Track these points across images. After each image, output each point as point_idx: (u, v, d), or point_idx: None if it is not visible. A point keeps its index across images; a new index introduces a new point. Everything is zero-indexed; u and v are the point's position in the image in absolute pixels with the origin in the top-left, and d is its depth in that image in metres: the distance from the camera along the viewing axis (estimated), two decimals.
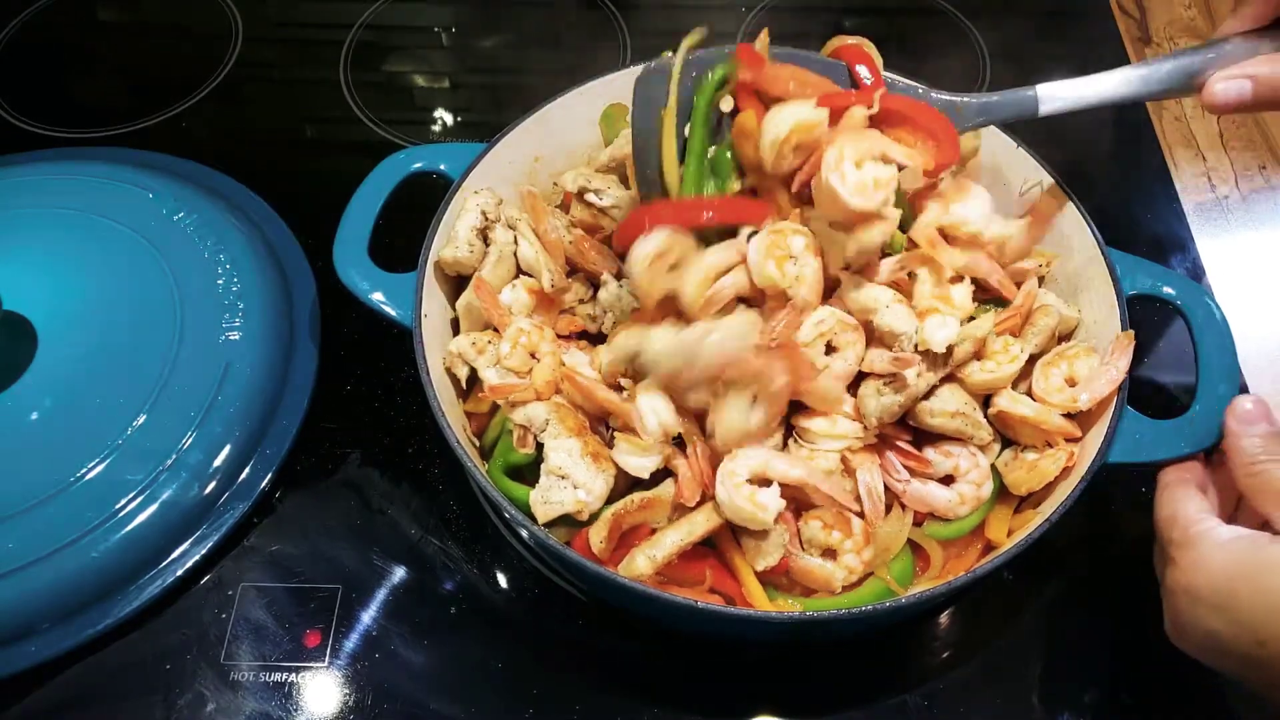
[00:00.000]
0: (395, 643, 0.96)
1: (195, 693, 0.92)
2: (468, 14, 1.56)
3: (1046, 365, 0.94)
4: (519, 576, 1.00)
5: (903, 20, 1.54)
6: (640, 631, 0.96)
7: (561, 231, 1.03)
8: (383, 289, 0.98)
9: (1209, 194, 1.34)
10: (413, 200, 1.05)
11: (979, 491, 0.91)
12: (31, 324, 1.05)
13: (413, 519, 1.03)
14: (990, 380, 0.91)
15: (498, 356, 0.94)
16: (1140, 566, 1.00)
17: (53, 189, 1.18)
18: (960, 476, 0.92)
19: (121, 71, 1.50)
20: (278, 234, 1.23)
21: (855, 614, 0.80)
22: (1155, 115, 1.42)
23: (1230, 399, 0.85)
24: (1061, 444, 0.91)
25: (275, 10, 1.58)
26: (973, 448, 0.92)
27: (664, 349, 0.86)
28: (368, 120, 1.41)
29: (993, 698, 0.93)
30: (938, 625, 0.98)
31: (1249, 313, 1.20)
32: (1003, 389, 0.92)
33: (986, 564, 0.82)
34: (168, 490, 0.97)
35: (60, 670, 0.93)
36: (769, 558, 0.86)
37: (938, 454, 0.92)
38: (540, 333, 0.95)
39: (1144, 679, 0.94)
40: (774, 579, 0.89)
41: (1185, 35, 1.53)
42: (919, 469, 0.91)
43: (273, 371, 1.08)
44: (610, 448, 0.90)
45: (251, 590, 0.98)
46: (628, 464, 0.88)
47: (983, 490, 0.92)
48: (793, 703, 0.93)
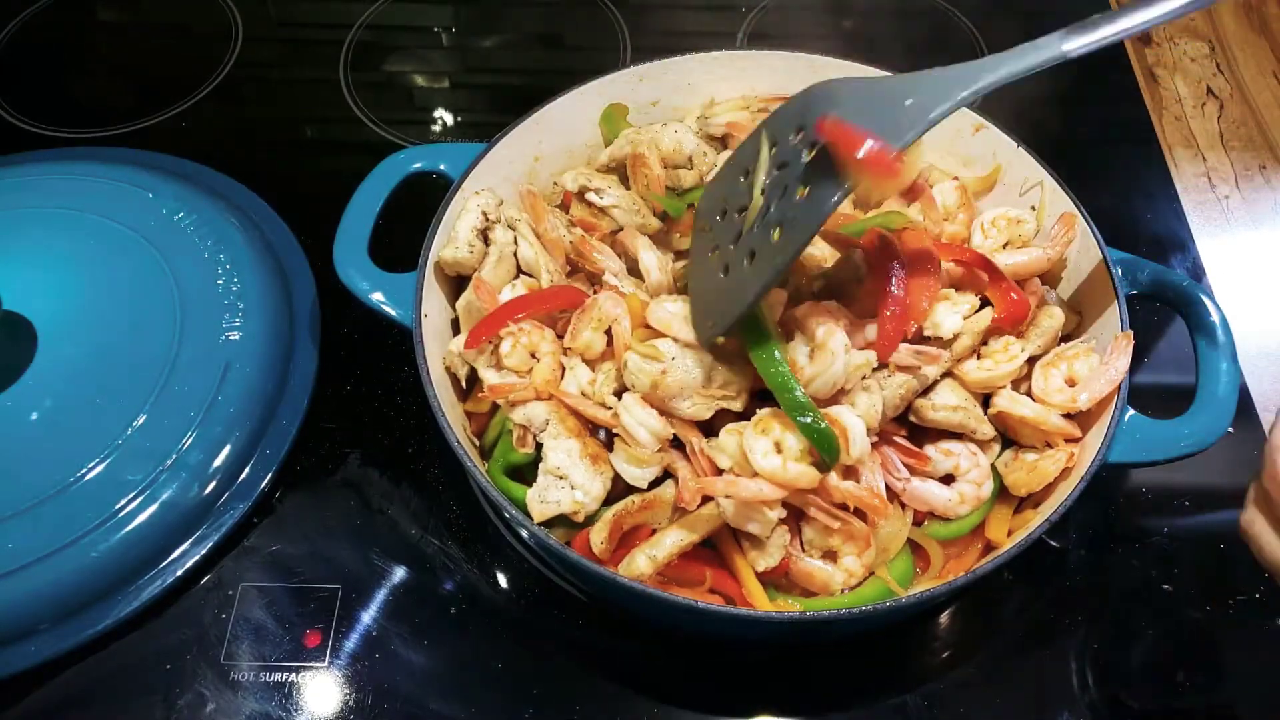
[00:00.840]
0: (395, 643, 0.96)
1: (195, 693, 0.92)
2: (468, 14, 1.56)
3: (1046, 366, 0.94)
4: (519, 576, 1.00)
5: (903, 20, 1.54)
6: (640, 631, 0.96)
7: (561, 230, 1.03)
8: (383, 289, 0.98)
9: (1209, 194, 1.34)
10: (413, 200, 1.05)
11: (979, 491, 0.91)
12: (31, 324, 1.05)
13: (413, 519, 1.03)
14: (988, 378, 0.91)
15: (498, 356, 0.94)
16: (1140, 566, 1.01)
17: (53, 189, 1.18)
18: (960, 475, 0.92)
19: (121, 71, 1.50)
20: (278, 234, 1.23)
21: (855, 614, 0.80)
22: (1155, 115, 1.42)
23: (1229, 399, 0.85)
24: (1061, 444, 0.91)
25: (275, 10, 1.58)
26: (973, 446, 0.92)
27: (636, 366, 0.86)
28: (368, 120, 1.41)
29: (993, 698, 0.93)
30: (938, 625, 0.98)
31: (1249, 313, 1.20)
32: (1001, 388, 0.92)
33: (986, 564, 0.82)
34: (168, 490, 0.97)
35: (60, 670, 0.93)
36: (769, 558, 0.86)
37: (937, 452, 0.92)
38: (540, 333, 0.95)
39: (1143, 679, 0.94)
40: (774, 579, 0.89)
41: (1185, 35, 1.53)
42: (919, 466, 0.91)
43: (273, 371, 1.08)
44: (610, 450, 0.90)
45: (251, 590, 0.98)
46: (627, 473, 0.88)
47: (983, 490, 0.92)
48: (793, 703, 0.93)
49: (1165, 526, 1.03)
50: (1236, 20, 1.55)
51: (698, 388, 0.87)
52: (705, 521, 0.87)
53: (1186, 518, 1.03)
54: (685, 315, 0.89)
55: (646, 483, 0.88)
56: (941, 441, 0.93)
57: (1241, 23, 1.55)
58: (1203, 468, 1.05)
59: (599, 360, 0.94)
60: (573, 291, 0.97)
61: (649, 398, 0.87)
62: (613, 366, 0.91)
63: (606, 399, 0.91)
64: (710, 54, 1.14)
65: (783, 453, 0.82)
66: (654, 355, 0.87)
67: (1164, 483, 1.05)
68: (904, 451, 0.91)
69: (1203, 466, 1.05)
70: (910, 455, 0.91)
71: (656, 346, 0.88)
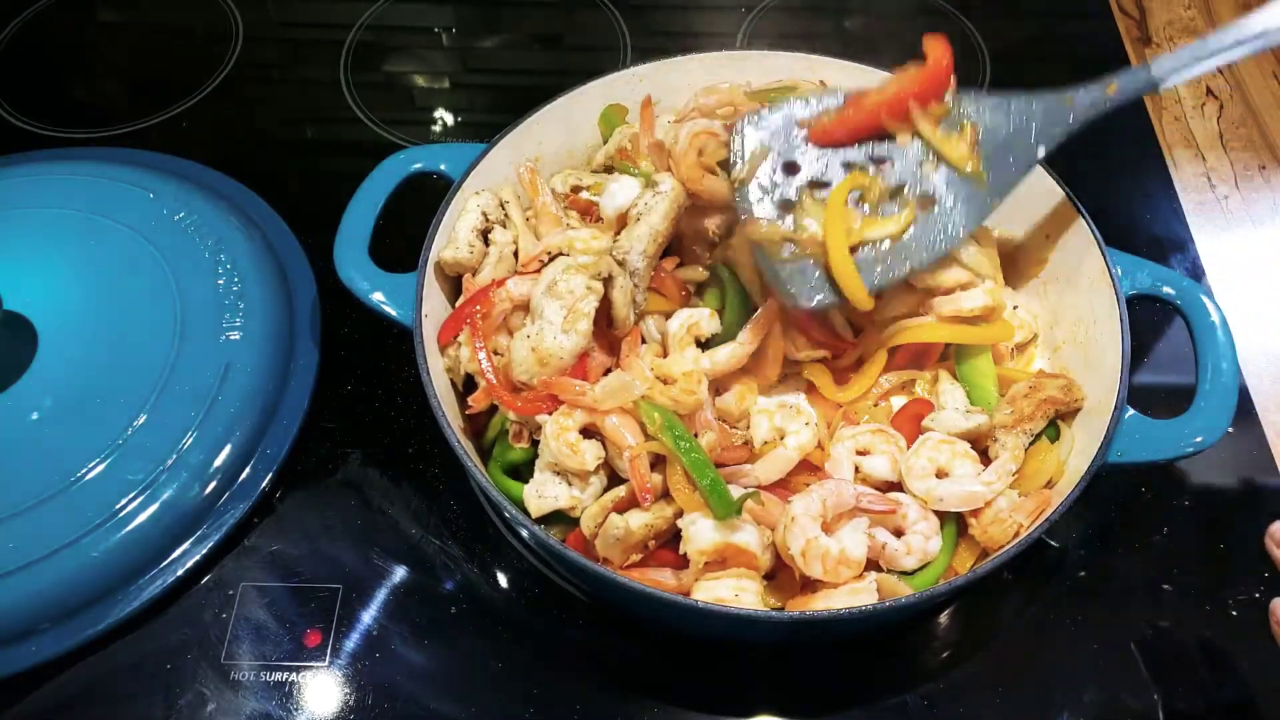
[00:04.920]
0: (395, 643, 0.96)
1: (195, 692, 0.92)
2: (468, 14, 1.56)
3: (923, 447, 0.91)
4: (519, 576, 1.00)
5: (903, 20, 1.54)
6: (640, 631, 0.96)
7: (554, 208, 1.03)
8: (383, 289, 0.98)
9: (1209, 194, 1.34)
10: (413, 200, 1.05)
11: (926, 545, 0.88)
12: (31, 324, 1.05)
13: (413, 519, 1.03)
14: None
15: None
16: (1140, 566, 1.01)
17: (53, 189, 1.18)
18: (909, 527, 0.89)
19: (121, 71, 1.50)
20: (278, 234, 1.23)
21: (855, 614, 0.80)
22: (1155, 115, 1.42)
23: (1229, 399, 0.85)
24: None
25: (275, 10, 1.58)
26: (920, 502, 0.90)
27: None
28: (368, 120, 1.41)
29: (993, 698, 0.93)
30: (938, 625, 0.98)
31: (1249, 313, 1.20)
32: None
33: (986, 564, 0.82)
34: (168, 490, 0.97)
35: (60, 670, 0.93)
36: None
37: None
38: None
39: (1143, 679, 0.94)
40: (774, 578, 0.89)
41: (1185, 35, 1.53)
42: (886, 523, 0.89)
43: (273, 371, 1.08)
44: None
45: (252, 590, 0.98)
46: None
47: (930, 544, 0.88)
48: (793, 703, 0.93)
49: (1165, 526, 1.03)
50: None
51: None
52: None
53: (1186, 518, 1.03)
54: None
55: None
56: (890, 493, 0.91)
57: None
58: (1203, 468, 1.06)
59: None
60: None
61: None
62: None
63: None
64: (710, 54, 1.14)
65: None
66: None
67: (1164, 483, 1.05)
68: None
69: (1203, 466, 1.06)
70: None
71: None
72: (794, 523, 0.83)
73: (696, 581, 0.85)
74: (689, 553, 0.84)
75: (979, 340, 0.97)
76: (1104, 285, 0.96)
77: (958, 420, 0.92)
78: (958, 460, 0.90)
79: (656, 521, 0.86)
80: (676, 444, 0.85)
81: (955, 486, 0.88)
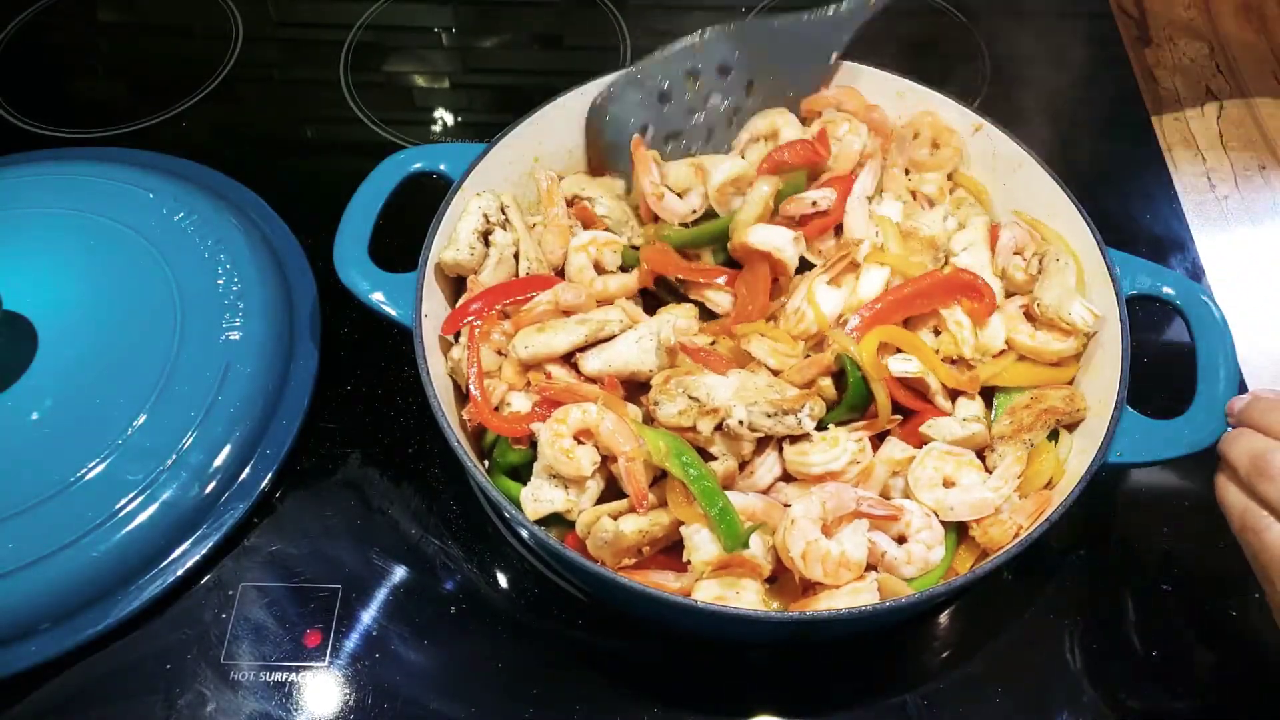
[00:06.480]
0: (395, 643, 0.96)
1: (195, 693, 0.92)
2: (468, 14, 1.56)
3: (928, 457, 0.91)
4: (519, 576, 1.00)
5: (903, 20, 1.53)
6: (640, 631, 0.96)
7: (565, 219, 1.05)
8: (383, 289, 0.98)
9: (1209, 194, 1.34)
10: (413, 200, 1.05)
11: (928, 554, 0.88)
12: (31, 324, 1.05)
13: (413, 519, 1.03)
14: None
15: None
16: (1140, 566, 1.01)
17: (53, 189, 1.18)
18: (912, 535, 0.88)
19: (121, 71, 1.50)
20: (278, 234, 1.23)
21: (855, 614, 0.80)
22: (1155, 115, 1.42)
23: (1229, 399, 0.85)
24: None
25: (275, 10, 1.58)
26: (928, 509, 0.89)
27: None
28: (368, 120, 1.41)
29: (993, 698, 0.93)
30: (938, 625, 0.98)
31: (1249, 313, 1.20)
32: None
33: (986, 564, 0.82)
34: (168, 490, 0.97)
35: (60, 670, 0.93)
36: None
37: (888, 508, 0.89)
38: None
39: (1143, 679, 0.94)
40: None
41: (1185, 35, 1.53)
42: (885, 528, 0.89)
43: (273, 371, 1.08)
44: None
45: (251, 590, 0.98)
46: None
47: (932, 554, 0.88)
48: (793, 703, 0.93)
49: (1165, 526, 1.03)
50: (1236, 20, 1.55)
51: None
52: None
53: (1186, 518, 1.03)
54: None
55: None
56: (895, 498, 0.91)
57: (1241, 23, 1.55)
58: (1203, 468, 1.05)
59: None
60: (538, 281, 0.98)
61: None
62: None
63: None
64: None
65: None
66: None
67: (1164, 483, 1.05)
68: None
69: (1203, 466, 1.05)
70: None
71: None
72: (794, 525, 0.83)
73: (697, 582, 0.85)
74: (693, 561, 0.84)
75: (1056, 380, 0.97)
76: (1104, 285, 0.96)
77: (955, 429, 0.92)
78: (963, 470, 0.90)
79: (652, 529, 0.86)
80: (685, 471, 0.84)
81: (965, 495, 0.88)
